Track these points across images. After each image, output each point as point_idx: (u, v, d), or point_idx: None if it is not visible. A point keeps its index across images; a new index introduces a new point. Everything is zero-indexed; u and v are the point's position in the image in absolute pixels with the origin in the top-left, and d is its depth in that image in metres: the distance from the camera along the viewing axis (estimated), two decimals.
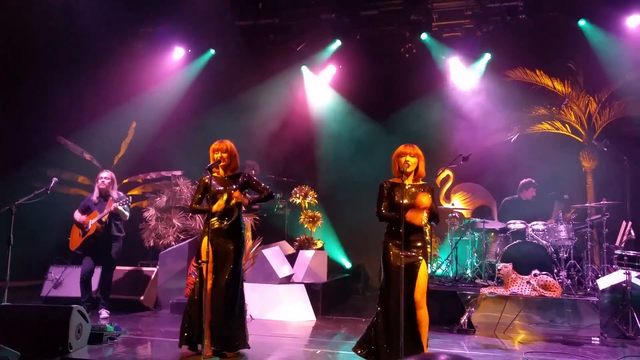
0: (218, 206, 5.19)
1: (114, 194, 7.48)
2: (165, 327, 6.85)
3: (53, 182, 6.98)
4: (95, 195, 7.48)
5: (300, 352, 5.80)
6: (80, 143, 10.28)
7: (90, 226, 7.26)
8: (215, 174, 5.32)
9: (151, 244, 9.08)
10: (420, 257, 4.70)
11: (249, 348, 5.35)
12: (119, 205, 7.25)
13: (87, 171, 10.16)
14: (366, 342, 4.81)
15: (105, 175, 7.51)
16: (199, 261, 5.08)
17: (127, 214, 7.47)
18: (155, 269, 8.44)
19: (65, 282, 8.19)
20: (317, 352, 5.64)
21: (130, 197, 7.66)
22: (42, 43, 9.40)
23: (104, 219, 7.27)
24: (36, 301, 8.04)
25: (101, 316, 7.12)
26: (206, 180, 5.28)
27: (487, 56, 10.53)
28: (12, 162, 9.97)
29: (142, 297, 8.02)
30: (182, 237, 8.93)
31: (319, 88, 11.50)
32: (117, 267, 7.69)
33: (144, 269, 8.65)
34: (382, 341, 4.64)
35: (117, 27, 10.67)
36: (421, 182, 4.91)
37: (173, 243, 8.84)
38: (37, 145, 9.94)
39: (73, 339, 5.16)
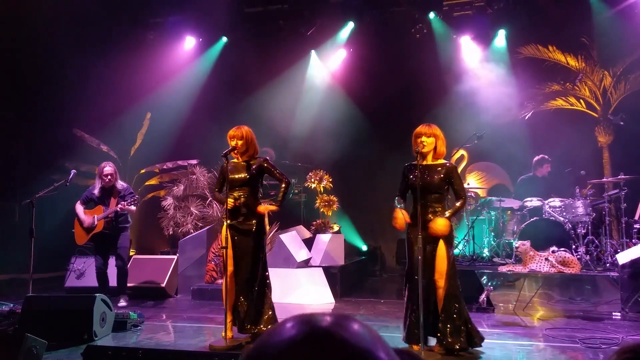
0: (231, 204, 5.11)
1: (118, 184, 7.31)
2: (187, 313, 6.95)
3: (72, 174, 7.06)
4: (97, 189, 7.25)
5: None
6: (97, 135, 10.39)
7: (96, 223, 7.10)
8: (235, 160, 5.33)
9: (170, 232, 9.19)
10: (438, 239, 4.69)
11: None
12: (127, 204, 7.08)
13: None
14: (413, 335, 4.64)
15: (109, 170, 7.21)
16: (220, 247, 5.12)
17: (134, 208, 7.31)
18: (175, 257, 8.55)
19: (87, 272, 8.27)
20: None
21: (134, 195, 7.45)
22: (54, 36, 9.46)
23: (109, 216, 7.14)
24: (59, 292, 8.16)
25: (119, 304, 7.04)
26: (224, 166, 5.28)
27: (499, 34, 10.46)
28: (30, 156, 10.11)
29: (163, 285, 8.12)
30: (200, 224, 9.02)
31: (330, 72, 11.47)
32: (138, 256, 7.76)
33: (165, 257, 8.77)
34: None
35: (126, 18, 10.73)
36: (441, 161, 4.82)
37: (192, 231, 8.94)
38: (54, 139, 10.05)
39: (97, 327, 5.25)
